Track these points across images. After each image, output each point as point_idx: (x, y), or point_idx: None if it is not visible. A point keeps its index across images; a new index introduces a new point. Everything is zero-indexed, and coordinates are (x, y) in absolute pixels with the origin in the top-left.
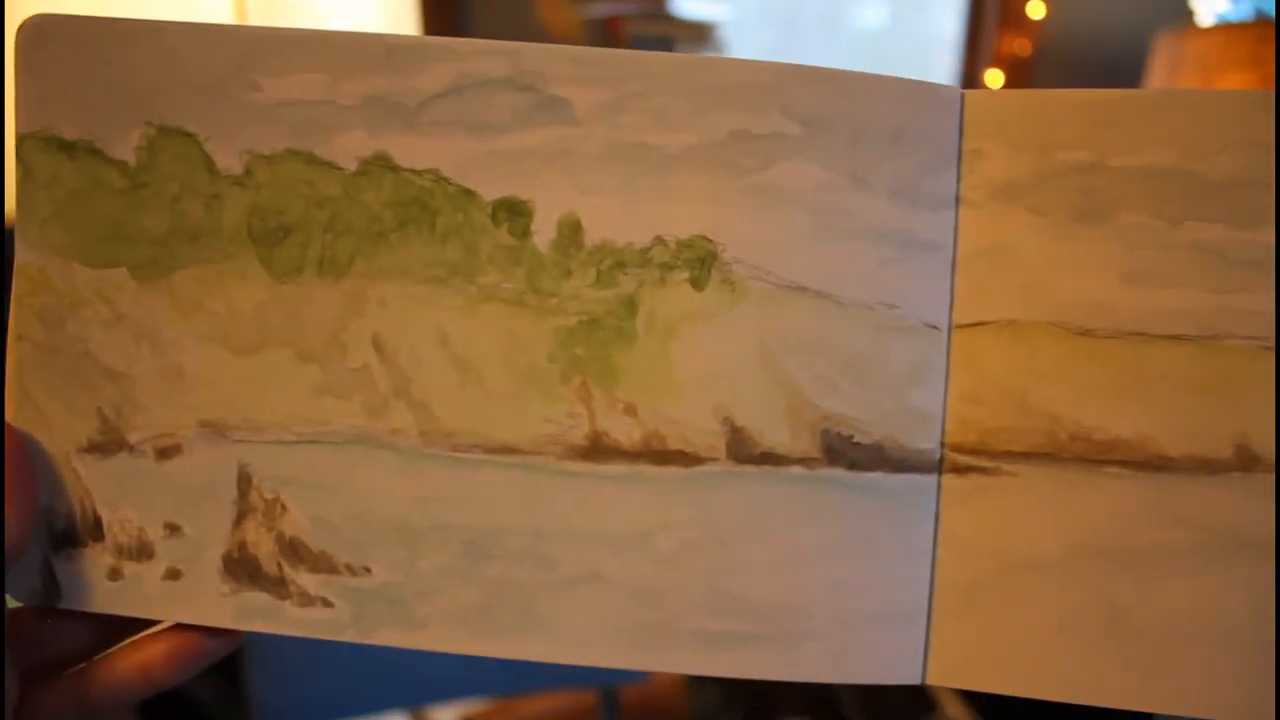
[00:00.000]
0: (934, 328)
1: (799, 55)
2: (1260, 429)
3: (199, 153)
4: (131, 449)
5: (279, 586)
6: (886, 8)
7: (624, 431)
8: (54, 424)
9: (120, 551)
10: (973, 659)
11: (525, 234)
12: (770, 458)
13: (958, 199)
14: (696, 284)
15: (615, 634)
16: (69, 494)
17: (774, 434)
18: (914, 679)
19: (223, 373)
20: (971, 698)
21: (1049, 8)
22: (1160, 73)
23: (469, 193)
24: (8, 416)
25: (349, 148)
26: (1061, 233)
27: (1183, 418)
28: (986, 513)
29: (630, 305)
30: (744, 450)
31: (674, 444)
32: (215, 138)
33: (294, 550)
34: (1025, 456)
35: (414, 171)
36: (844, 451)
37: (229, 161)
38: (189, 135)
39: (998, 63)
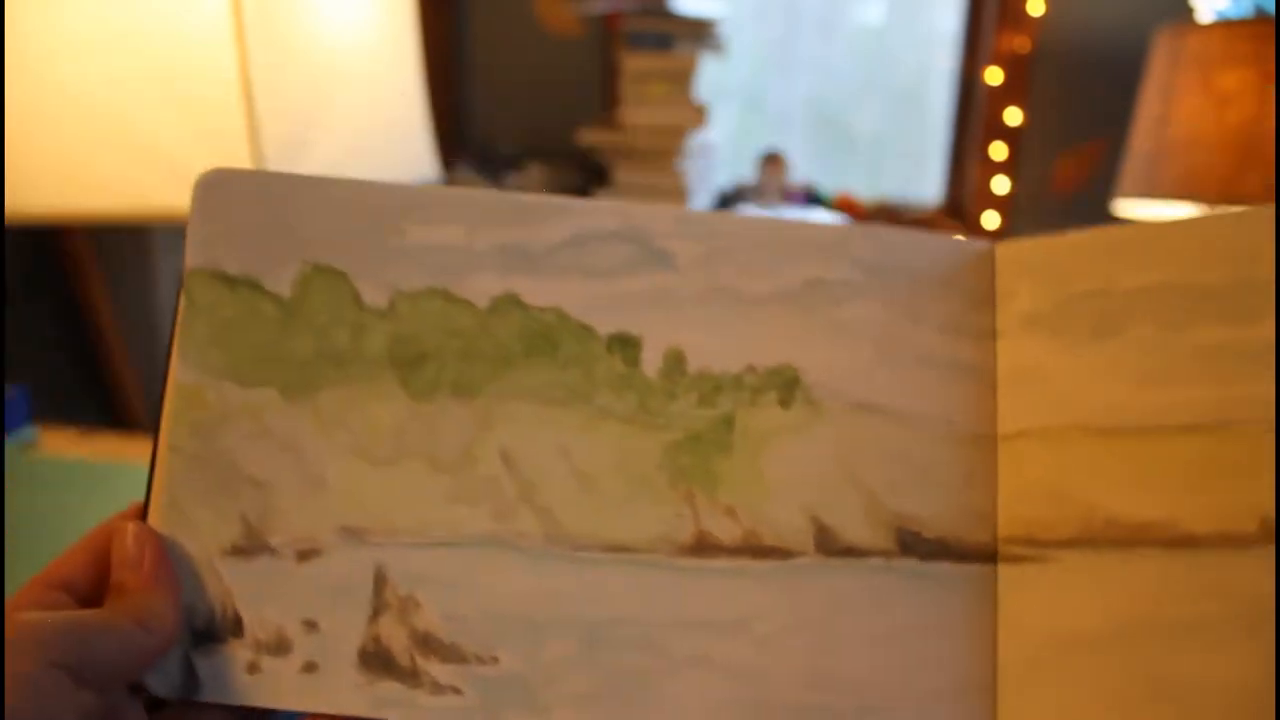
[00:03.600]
0: (985, 437)
1: (797, 52)
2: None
3: (349, 288)
4: (273, 552)
5: (412, 677)
6: (885, 5)
7: (725, 530)
8: (200, 529)
9: (259, 647)
10: None
11: (635, 363)
12: (853, 551)
13: (994, 331)
14: (784, 404)
15: (721, 710)
16: (210, 594)
17: (855, 531)
18: None
19: (361, 482)
20: None
21: (1048, 5)
22: (1159, 69)
23: (587, 327)
24: (157, 524)
25: (482, 287)
26: (1080, 350)
27: (1205, 498)
28: (1038, 596)
29: (728, 422)
30: (830, 545)
31: (769, 540)
32: (363, 276)
33: (426, 643)
34: (1067, 544)
35: (539, 309)
36: (915, 545)
37: (375, 296)
38: (340, 273)
39: (997, 60)
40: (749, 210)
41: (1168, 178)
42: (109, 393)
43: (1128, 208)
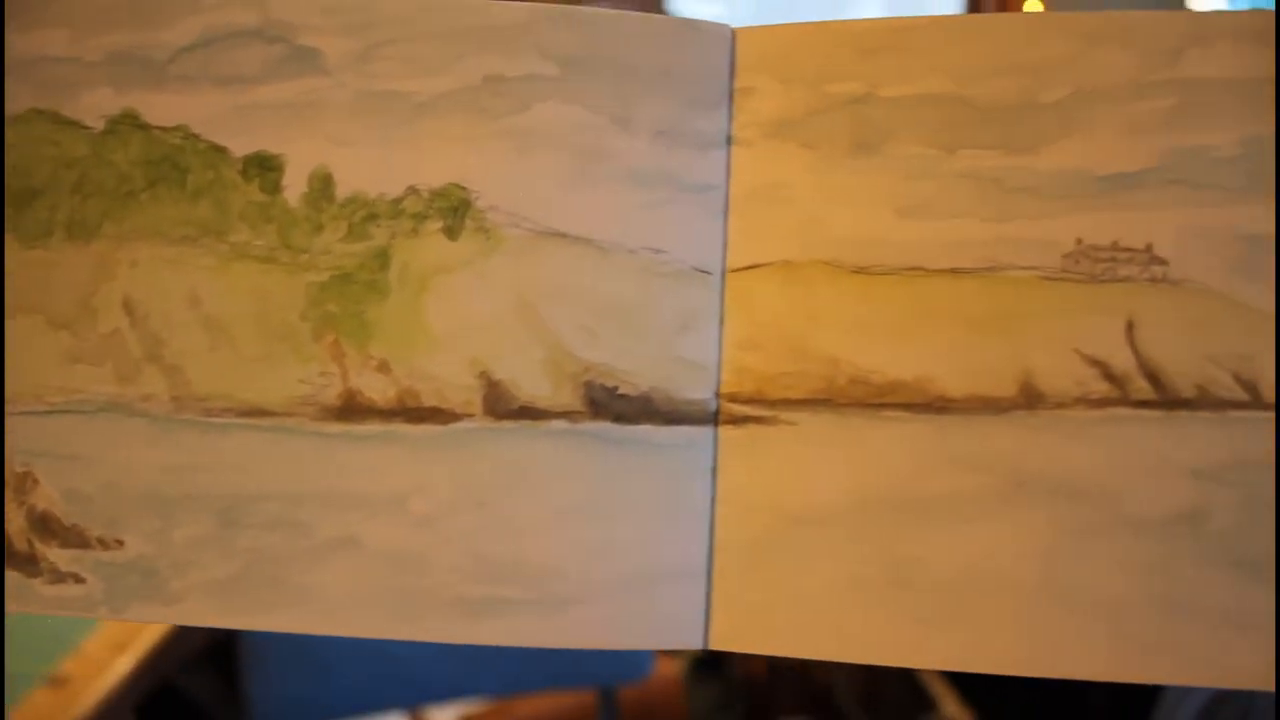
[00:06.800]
0: (705, 272)
1: None
2: (1044, 364)
3: None
4: None
5: (29, 564)
6: (882, 6)
7: (378, 389)
8: None
9: None
10: (757, 620)
11: (276, 189)
12: (529, 412)
13: (730, 138)
14: (450, 233)
15: (372, 602)
16: None
17: (533, 387)
18: (695, 643)
19: None
20: (970, 696)
21: (1046, 6)
22: None
23: (219, 149)
24: None
25: (96, 106)
26: (835, 167)
27: (963, 355)
28: (765, 464)
29: (383, 258)
30: (501, 405)
31: (429, 400)
32: None
33: (45, 525)
34: (803, 404)
35: (162, 129)
36: (609, 404)
37: None
38: None
39: None
40: None
41: None
42: None
43: None
